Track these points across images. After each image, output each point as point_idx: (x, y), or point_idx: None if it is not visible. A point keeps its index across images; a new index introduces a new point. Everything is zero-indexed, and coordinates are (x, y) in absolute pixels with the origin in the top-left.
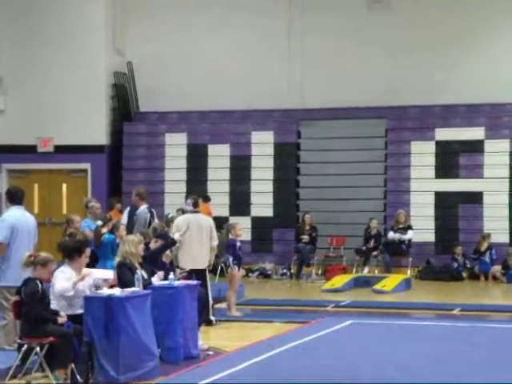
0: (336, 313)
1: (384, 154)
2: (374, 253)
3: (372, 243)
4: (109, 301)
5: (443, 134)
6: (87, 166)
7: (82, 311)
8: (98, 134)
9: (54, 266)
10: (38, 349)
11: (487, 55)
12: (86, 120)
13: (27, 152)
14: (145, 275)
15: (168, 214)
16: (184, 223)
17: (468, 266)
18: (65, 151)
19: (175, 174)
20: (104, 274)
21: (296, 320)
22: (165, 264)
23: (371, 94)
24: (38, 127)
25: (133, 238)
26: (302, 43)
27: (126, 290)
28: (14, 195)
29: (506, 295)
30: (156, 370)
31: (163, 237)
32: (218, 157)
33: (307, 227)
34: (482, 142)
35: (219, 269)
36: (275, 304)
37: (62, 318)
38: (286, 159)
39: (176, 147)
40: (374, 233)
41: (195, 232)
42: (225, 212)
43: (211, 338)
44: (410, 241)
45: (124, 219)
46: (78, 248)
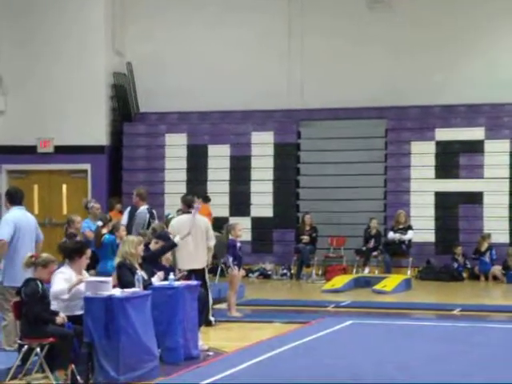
0: (336, 313)
1: (384, 155)
2: (374, 253)
3: (372, 243)
4: (109, 301)
5: (443, 135)
6: (87, 166)
7: (81, 312)
8: (97, 134)
9: (55, 267)
10: (38, 349)
11: (487, 55)
12: (86, 120)
13: (27, 153)
14: (145, 276)
15: (168, 215)
16: (182, 225)
17: (468, 266)
18: (65, 152)
19: (175, 174)
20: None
21: (296, 320)
22: (164, 264)
23: (371, 94)
24: (38, 128)
25: (132, 238)
26: (302, 43)
27: (126, 290)
28: (14, 196)
29: (506, 295)
30: (156, 370)
31: (163, 238)
32: (218, 157)
33: (307, 227)
34: (482, 142)
35: (219, 269)
36: (275, 304)
37: (61, 318)
38: (286, 159)
39: (176, 148)
40: (373, 233)
41: (190, 232)
42: (225, 212)
43: (211, 339)
44: (410, 241)
45: (124, 220)
46: (78, 249)
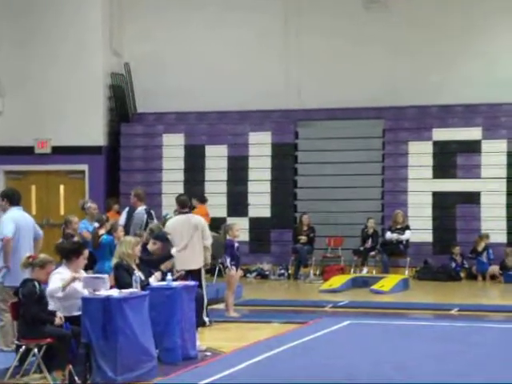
0: (334, 313)
1: (381, 155)
2: (372, 253)
3: (369, 243)
4: (107, 302)
5: (441, 135)
6: (85, 167)
7: (78, 313)
8: (95, 135)
9: (53, 268)
10: (35, 350)
11: (484, 55)
12: (84, 121)
13: (24, 153)
14: (142, 276)
15: (166, 215)
16: (177, 225)
17: (466, 266)
18: (62, 152)
19: (173, 174)
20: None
21: (294, 320)
22: None
23: (368, 94)
24: (36, 128)
25: (130, 239)
26: (299, 44)
27: (123, 291)
28: (12, 197)
29: (503, 295)
30: (154, 370)
31: (161, 239)
32: (216, 157)
33: (305, 228)
34: (479, 142)
35: (217, 269)
36: (273, 304)
37: (59, 318)
38: (284, 160)
39: (173, 148)
40: (370, 232)
41: (185, 233)
42: (222, 213)
43: (209, 339)
44: (407, 241)
45: (122, 220)
46: (75, 250)
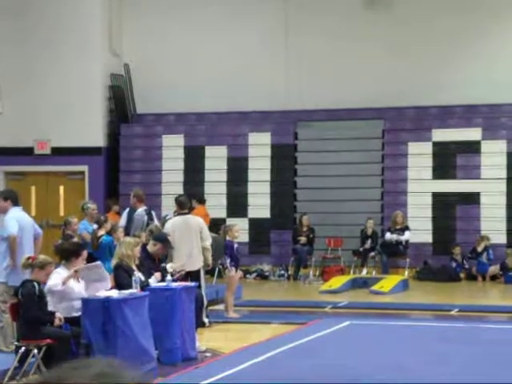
0: (334, 314)
1: (381, 155)
2: (372, 254)
3: (369, 243)
4: (106, 303)
5: (440, 135)
6: (84, 168)
7: (77, 314)
8: (94, 135)
9: (52, 269)
10: (35, 351)
11: (484, 56)
12: (83, 122)
13: (24, 154)
14: (142, 277)
15: (165, 216)
16: (176, 226)
17: (466, 266)
18: (62, 153)
19: (172, 175)
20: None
21: (294, 321)
22: (163, 265)
23: (368, 95)
24: (35, 129)
25: (129, 240)
26: (299, 44)
27: (123, 291)
28: (13, 197)
29: (503, 296)
30: (154, 371)
31: (161, 240)
32: (215, 158)
33: (304, 228)
34: (478, 142)
35: (217, 270)
36: (273, 305)
37: (58, 319)
38: (283, 160)
39: (173, 149)
40: (370, 233)
41: (184, 234)
42: (222, 214)
43: (209, 340)
44: (407, 242)
45: (122, 221)
46: (74, 251)
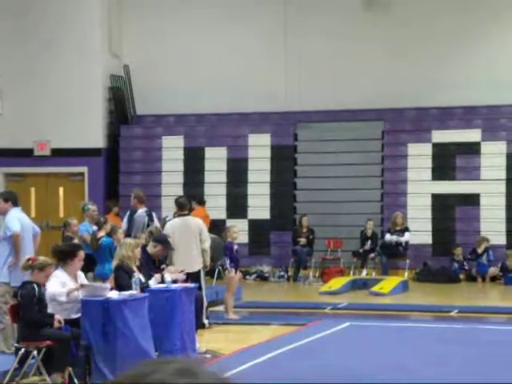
0: (334, 315)
1: (381, 156)
2: (371, 255)
3: (368, 245)
4: (106, 304)
5: (440, 136)
6: (84, 169)
7: (77, 315)
8: (94, 137)
9: (52, 270)
10: (35, 352)
11: (484, 57)
12: (83, 123)
13: (24, 155)
14: (142, 278)
15: (165, 217)
16: (175, 228)
17: (466, 267)
18: (62, 155)
19: (172, 176)
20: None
21: (293, 322)
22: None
23: (368, 96)
24: (35, 131)
25: (129, 241)
26: (299, 46)
27: (123, 293)
28: (13, 198)
29: (503, 297)
30: None
31: (162, 241)
32: (215, 159)
33: (304, 229)
34: (478, 143)
35: (216, 272)
36: (273, 306)
37: (57, 321)
38: (283, 162)
39: (173, 150)
40: (369, 234)
41: (183, 235)
42: (222, 215)
43: (209, 341)
44: (407, 243)
45: (124, 225)
46: (70, 252)
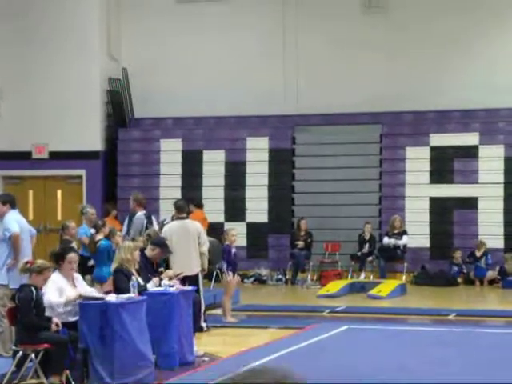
0: (331, 318)
1: (379, 160)
2: (369, 258)
3: (366, 248)
4: (104, 307)
5: (438, 140)
6: (82, 172)
7: (75, 319)
8: (92, 140)
9: (50, 274)
10: (33, 355)
11: (482, 60)
12: (81, 126)
13: (22, 158)
14: (141, 281)
15: (163, 220)
16: (173, 231)
17: (464, 271)
18: (59, 157)
19: (170, 180)
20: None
21: (291, 326)
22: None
23: (366, 99)
24: (33, 134)
25: (128, 244)
26: (297, 49)
27: (121, 296)
28: (13, 202)
29: (501, 300)
30: (151, 376)
31: (160, 244)
32: (213, 163)
33: (302, 233)
34: (476, 147)
35: (214, 275)
36: (270, 310)
37: (55, 325)
38: (281, 165)
39: (171, 153)
40: (367, 237)
41: (182, 238)
42: (220, 218)
43: (206, 344)
44: (405, 246)
45: (124, 228)
46: (60, 254)
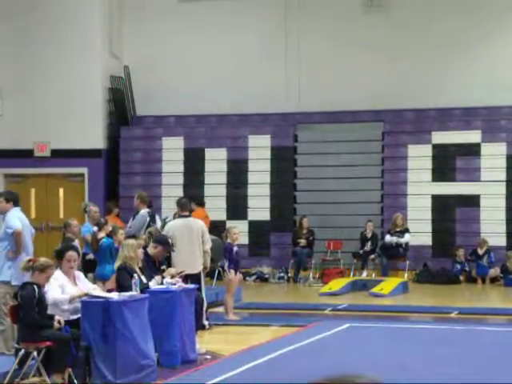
0: (333, 316)
1: (381, 158)
2: (371, 256)
3: (368, 246)
4: (106, 305)
5: (440, 138)
6: (84, 170)
7: (77, 316)
8: (94, 138)
9: (53, 272)
10: (35, 353)
11: (484, 58)
12: (83, 124)
13: (24, 156)
14: (144, 279)
15: (166, 218)
16: (176, 229)
17: (467, 269)
18: (62, 156)
19: (172, 178)
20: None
21: (293, 324)
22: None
23: (368, 97)
24: (35, 132)
25: (131, 242)
26: (299, 47)
27: (123, 294)
28: (16, 199)
29: (503, 298)
30: (153, 374)
31: (162, 242)
32: (215, 161)
33: (304, 231)
34: (478, 145)
35: (216, 273)
36: (273, 308)
37: (57, 322)
38: (283, 163)
39: (173, 151)
40: (369, 235)
41: (185, 236)
42: (222, 216)
43: (208, 342)
44: (407, 244)
45: (127, 228)
46: (59, 252)
